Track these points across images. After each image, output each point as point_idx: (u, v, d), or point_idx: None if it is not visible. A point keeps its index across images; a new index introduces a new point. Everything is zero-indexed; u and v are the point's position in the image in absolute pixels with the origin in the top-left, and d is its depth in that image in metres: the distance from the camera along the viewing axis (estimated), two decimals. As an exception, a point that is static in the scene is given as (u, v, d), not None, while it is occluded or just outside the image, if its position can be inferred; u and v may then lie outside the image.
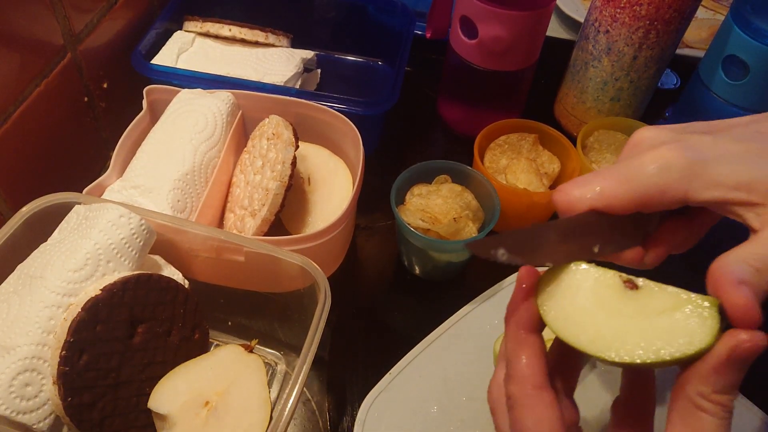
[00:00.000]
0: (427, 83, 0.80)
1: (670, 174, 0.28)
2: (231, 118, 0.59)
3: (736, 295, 0.25)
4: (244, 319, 0.54)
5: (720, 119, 0.32)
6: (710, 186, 0.28)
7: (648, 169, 0.29)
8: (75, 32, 0.58)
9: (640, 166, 0.29)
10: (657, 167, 0.28)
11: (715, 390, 0.26)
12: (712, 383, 0.25)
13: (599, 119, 0.67)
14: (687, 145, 0.29)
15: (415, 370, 0.50)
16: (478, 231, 0.56)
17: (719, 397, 0.26)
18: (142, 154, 0.55)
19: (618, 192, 0.29)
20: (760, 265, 0.26)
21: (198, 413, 0.42)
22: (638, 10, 0.60)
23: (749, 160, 0.28)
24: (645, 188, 0.29)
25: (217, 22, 0.72)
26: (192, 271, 0.50)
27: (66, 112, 0.59)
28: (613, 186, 0.29)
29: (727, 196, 0.28)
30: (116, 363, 0.41)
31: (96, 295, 0.40)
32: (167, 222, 0.47)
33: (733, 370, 0.25)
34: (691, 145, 0.29)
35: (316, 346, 0.40)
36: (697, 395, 0.26)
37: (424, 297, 0.59)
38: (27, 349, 0.38)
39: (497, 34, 0.62)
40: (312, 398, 0.51)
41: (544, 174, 0.63)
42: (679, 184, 0.28)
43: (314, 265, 0.45)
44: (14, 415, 0.37)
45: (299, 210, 0.57)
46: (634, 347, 0.26)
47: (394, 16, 0.77)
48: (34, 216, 0.45)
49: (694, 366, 0.26)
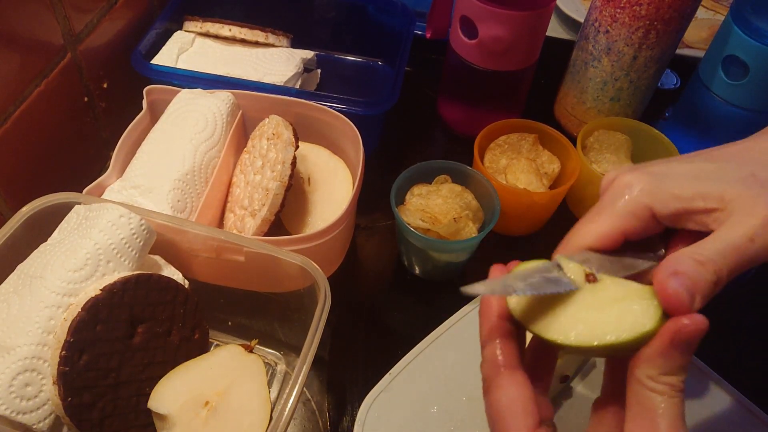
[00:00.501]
0: (427, 83, 0.80)
1: (633, 194, 0.32)
2: (231, 118, 0.59)
3: (665, 283, 0.28)
4: (244, 319, 0.53)
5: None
6: (671, 199, 0.31)
7: (616, 197, 0.32)
8: (75, 32, 0.58)
9: (609, 198, 0.33)
10: (622, 192, 0.32)
11: (663, 372, 0.27)
12: (659, 366, 0.27)
13: (599, 119, 0.67)
14: (644, 171, 0.33)
15: (415, 370, 0.50)
16: (478, 231, 0.56)
17: (668, 378, 0.27)
18: (142, 154, 0.55)
19: (601, 229, 0.32)
20: (703, 259, 0.28)
21: (198, 413, 0.42)
22: (638, 10, 0.60)
23: (700, 177, 0.31)
24: (619, 216, 0.32)
25: (217, 22, 0.72)
26: (192, 271, 0.50)
27: (66, 112, 0.59)
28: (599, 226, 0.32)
29: (687, 206, 0.31)
30: (116, 363, 0.41)
31: (96, 295, 0.40)
32: (167, 222, 0.47)
33: (678, 353, 0.27)
34: (647, 170, 0.33)
35: (316, 346, 0.41)
36: (647, 378, 0.27)
37: (424, 297, 0.59)
38: (27, 349, 0.38)
39: (497, 34, 0.62)
40: (312, 398, 0.51)
41: (544, 174, 0.63)
42: (644, 202, 0.31)
43: (314, 265, 0.45)
44: (14, 415, 0.37)
45: (299, 210, 0.57)
46: (585, 332, 0.28)
47: (394, 16, 0.77)
48: (34, 216, 0.45)
49: (641, 350, 0.28)
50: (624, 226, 0.32)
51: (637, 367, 0.28)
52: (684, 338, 0.27)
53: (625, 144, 0.66)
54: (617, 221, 0.32)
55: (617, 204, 0.32)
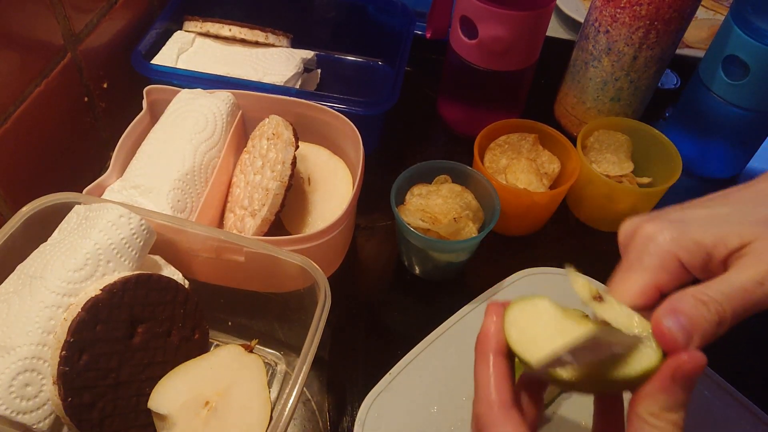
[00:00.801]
0: (427, 83, 0.80)
1: (658, 246, 0.31)
2: (231, 118, 0.59)
3: (660, 321, 0.28)
4: (244, 319, 0.53)
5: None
6: (695, 248, 0.31)
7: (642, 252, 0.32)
8: (75, 32, 0.58)
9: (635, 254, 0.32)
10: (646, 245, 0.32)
11: (664, 408, 0.27)
12: (661, 402, 0.27)
13: (599, 119, 0.67)
14: (664, 219, 0.33)
15: (415, 370, 0.50)
16: (478, 231, 0.56)
17: (669, 415, 0.27)
18: (142, 154, 0.55)
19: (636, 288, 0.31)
20: (706, 299, 0.28)
21: (198, 413, 0.42)
22: (638, 10, 0.60)
23: (717, 221, 0.31)
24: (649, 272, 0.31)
25: (217, 22, 0.72)
26: (192, 271, 0.50)
27: (66, 112, 0.59)
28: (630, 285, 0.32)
29: (711, 252, 0.30)
30: (116, 363, 0.41)
31: (96, 295, 0.40)
32: (167, 222, 0.47)
33: (680, 389, 0.27)
34: (667, 218, 0.33)
35: (316, 346, 0.40)
36: (649, 414, 0.28)
37: (424, 297, 0.59)
38: (27, 349, 0.38)
39: (497, 34, 0.62)
40: (312, 398, 0.51)
41: (544, 174, 0.63)
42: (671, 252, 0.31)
43: (314, 265, 0.45)
44: (14, 415, 0.37)
45: (299, 210, 0.57)
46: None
47: (394, 16, 0.77)
48: (34, 216, 0.45)
49: (643, 387, 0.28)
50: (657, 282, 0.31)
51: (639, 404, 0.28)
52: (684, 375, 0.27)
53: (625, 144, 0.66)
54: (649, 277, 0.31)
55: (645, 260, 0.32)
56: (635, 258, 0.32)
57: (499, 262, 0.61)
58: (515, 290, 0.56)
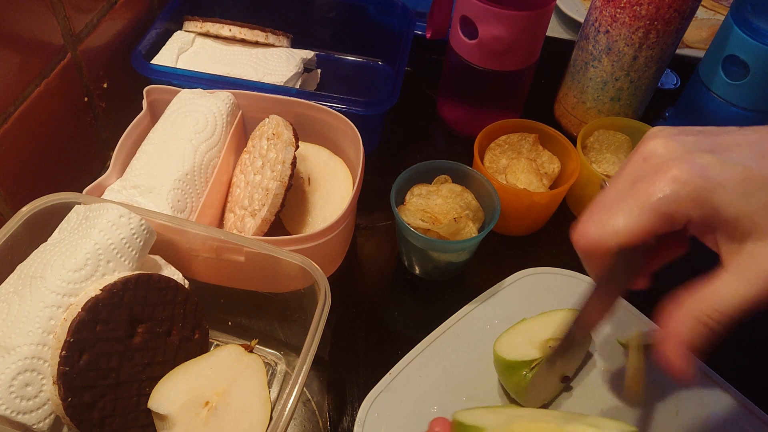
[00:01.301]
0: (427, 83, 0.80)
1: (678, 202, 0.29)
2: (231, 118, 0.59)
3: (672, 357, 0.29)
4: (244, 319, 0.54)
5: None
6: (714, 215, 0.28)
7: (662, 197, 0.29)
8: (75, 32, 0.58)
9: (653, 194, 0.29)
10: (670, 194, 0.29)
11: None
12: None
13: (599, 119, 0.67)
14: (694, 168, 0.29)
15: (415, 370, 0.50)
16: (478, 231, 0.56)
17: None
18: (142, 154, 0.55)
19: (638, 225, 0.30)
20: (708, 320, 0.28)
21: (198, 413, 0.42)
22: (638, 10, 0.60)
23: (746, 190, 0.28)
24: (660, 216, 0.29)
25: (217, 22, 0.72)
26: (192, 271, 0.50)
27: (66, 112, 0.59)
28: (632, 222, 0.30)
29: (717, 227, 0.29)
30: (116, 363, 0.41)
31: (96, 295, 0.40)
32: (167, 222, 0.47)
33: None
34: (698, 167, 0.29)
35: (316, 346, 0.41)
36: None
37: (424, 297, 0.59)
38: (27, 349, 0.38)
39: (497, 34, 0.62)
40: (312, 398, 0.51)
41: (544, 174, 0.63)
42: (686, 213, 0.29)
43: (314, 265, 0.45)
44: (14, 415, 0.37)
45: (299, 210, 0.57)
46: None
47: (394, 16, 0.77)
48: (34, 216, 0.45)
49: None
50: (655, 228, 0.30)
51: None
52: None
53: (625, 144, 0.66)
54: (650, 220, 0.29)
55: (654, 197, 0.29)
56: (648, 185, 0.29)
57: (499, 262, 0.61)
58: (515, 290, 0.56)
